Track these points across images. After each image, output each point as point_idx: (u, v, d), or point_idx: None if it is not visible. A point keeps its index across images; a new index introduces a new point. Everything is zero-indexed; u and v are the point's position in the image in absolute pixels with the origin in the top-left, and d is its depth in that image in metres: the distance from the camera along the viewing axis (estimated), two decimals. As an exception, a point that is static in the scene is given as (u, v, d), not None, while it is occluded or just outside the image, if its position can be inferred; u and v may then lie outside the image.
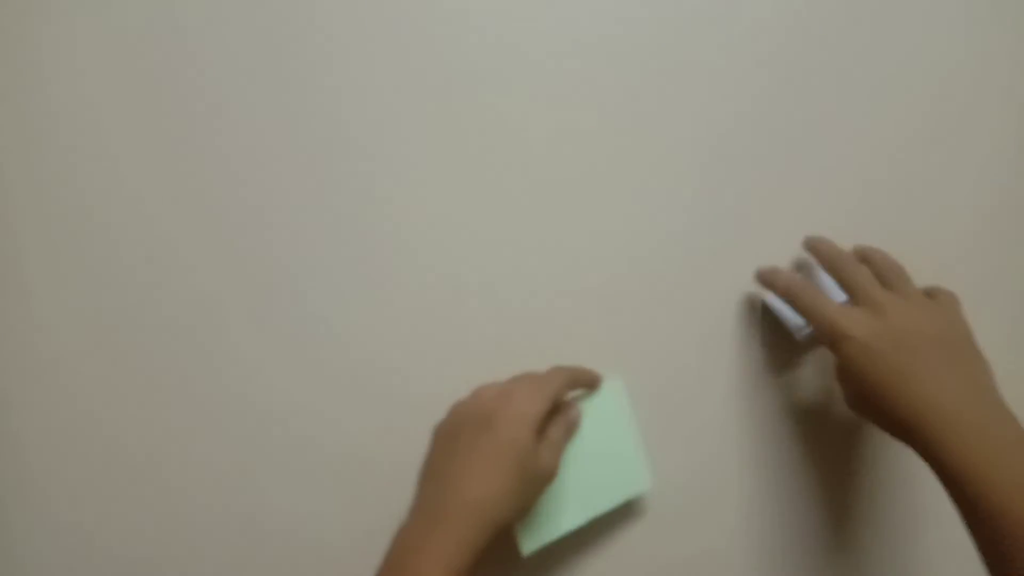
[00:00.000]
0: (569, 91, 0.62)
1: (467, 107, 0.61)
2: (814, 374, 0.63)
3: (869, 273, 0.53)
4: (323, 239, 0.62)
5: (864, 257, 0.56)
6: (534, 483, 0.53)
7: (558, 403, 0.56)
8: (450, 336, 0.62)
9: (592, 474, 0.58)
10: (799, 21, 0.62)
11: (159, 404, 0.62)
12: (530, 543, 0.56)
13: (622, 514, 0.61)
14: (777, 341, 0.62)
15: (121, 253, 0.62)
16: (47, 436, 0.62)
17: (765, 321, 0.61)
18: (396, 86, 0.61)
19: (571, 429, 0.57)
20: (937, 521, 0.63)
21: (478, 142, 0.62)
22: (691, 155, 0.62)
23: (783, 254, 0.62)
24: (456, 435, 0.53)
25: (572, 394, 0.60)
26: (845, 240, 0.60)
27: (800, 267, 0.62)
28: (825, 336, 0.51)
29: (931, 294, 0.54)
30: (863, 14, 0.62)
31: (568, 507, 0.57)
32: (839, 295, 0.55)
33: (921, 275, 0.62)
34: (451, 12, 0.61)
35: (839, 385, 0.53)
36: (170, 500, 0.62)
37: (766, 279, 0.57)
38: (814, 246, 0.58)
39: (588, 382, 0.59)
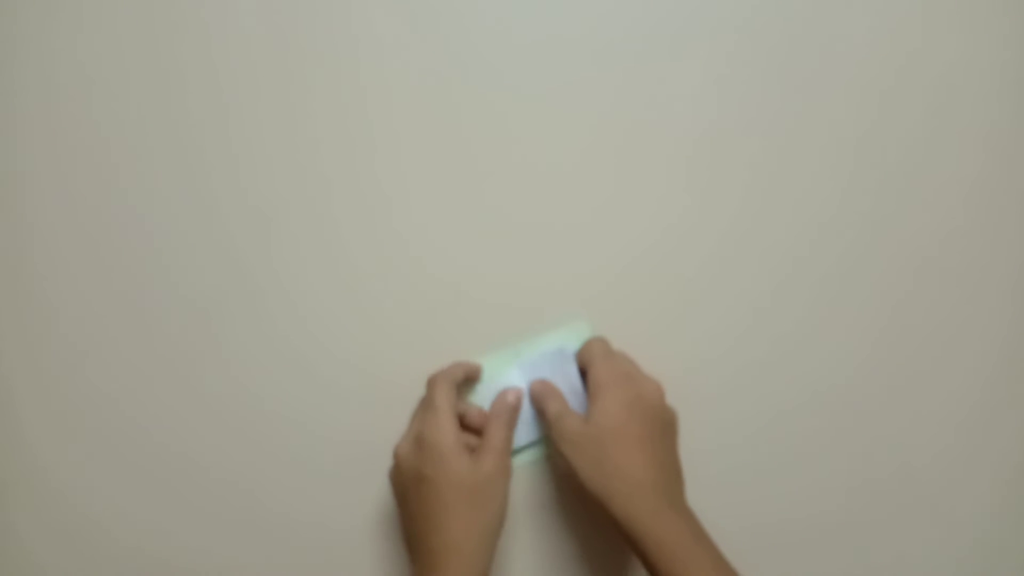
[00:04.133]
0: (560, 86, 0.62)
1: (466, 110, 0.62)
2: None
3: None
4: (326, 238, 0.62)
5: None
6: (486, 493, 0.54)
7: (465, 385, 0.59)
8: (447, 333, 0.62)
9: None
10: (796, 19, 0.62)
11: (165, 400, 0.62)
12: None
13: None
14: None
15: (121, 252, 0.62)
16: (53, 431, 0.62)
17: None
18: (394, 85, 0.62)
19: (508, 418, 0.57)
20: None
21: (474, 144, 0.62)
22: (686, 152, 0.62)
23: (783, 253, 0.62)
24: (406, 499, 0.55)
25: (547, 338, 0.61)
26: (841, 239, 0.61)
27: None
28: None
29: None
30: (861, 11, 0.62)
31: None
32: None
33: (919, 273, 0.63)
34: (450, 11, 0.62)
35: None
36: (172, 494, 0.62)
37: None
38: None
39: (464, 374, 0.60)
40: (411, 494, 0.55)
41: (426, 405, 0.56)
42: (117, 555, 0.62)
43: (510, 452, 0.57)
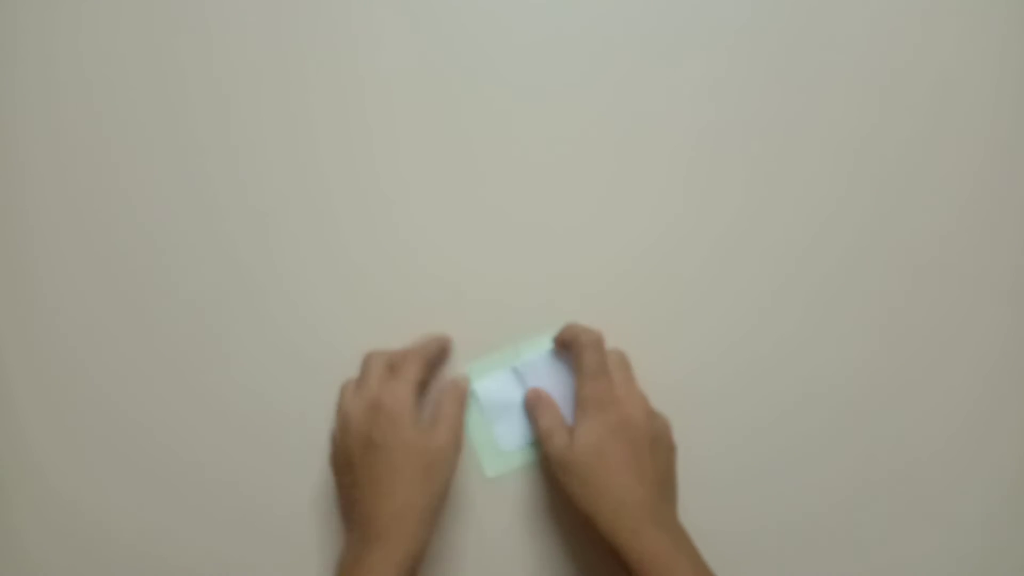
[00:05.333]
0: (560, 86, 0.62)
1: (465, 109, 0.62)
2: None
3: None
4: (325, 238, 0.62)
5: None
6: (437, 464, 0.55)
7: (431, 374, 0.60)
8: (447, 332, 0.62)
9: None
10: (795, 18, 0.62)
11: (165, 400, 0.62)
12: (494, 466, 0.60)
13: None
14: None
15: (121, 251, 0.62)
16: (53, 431, 0.62)
17: None
18: (394, 84, 0.62)
19: (460, 395, 0.58)
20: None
21: (473, 143, 0.62)
22: (686, 151, 0.62)
23: (783, 253, 0.62)
24: (351, 464, 0.55)
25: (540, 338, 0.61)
26: (841, 239, 0.61)
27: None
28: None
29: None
30: (861, 11, 0.62)
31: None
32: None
33: (919, 273, 0.63)
34: (449, 11, 0.62)
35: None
36: (172, 494, 0.62)
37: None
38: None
39: (439, 350, 0.60)
40: (357, 460, 0.55)
41: (394, 372, 0.57)
42: (117, 555, 0.62)
43: (463, 427, 0.58)
